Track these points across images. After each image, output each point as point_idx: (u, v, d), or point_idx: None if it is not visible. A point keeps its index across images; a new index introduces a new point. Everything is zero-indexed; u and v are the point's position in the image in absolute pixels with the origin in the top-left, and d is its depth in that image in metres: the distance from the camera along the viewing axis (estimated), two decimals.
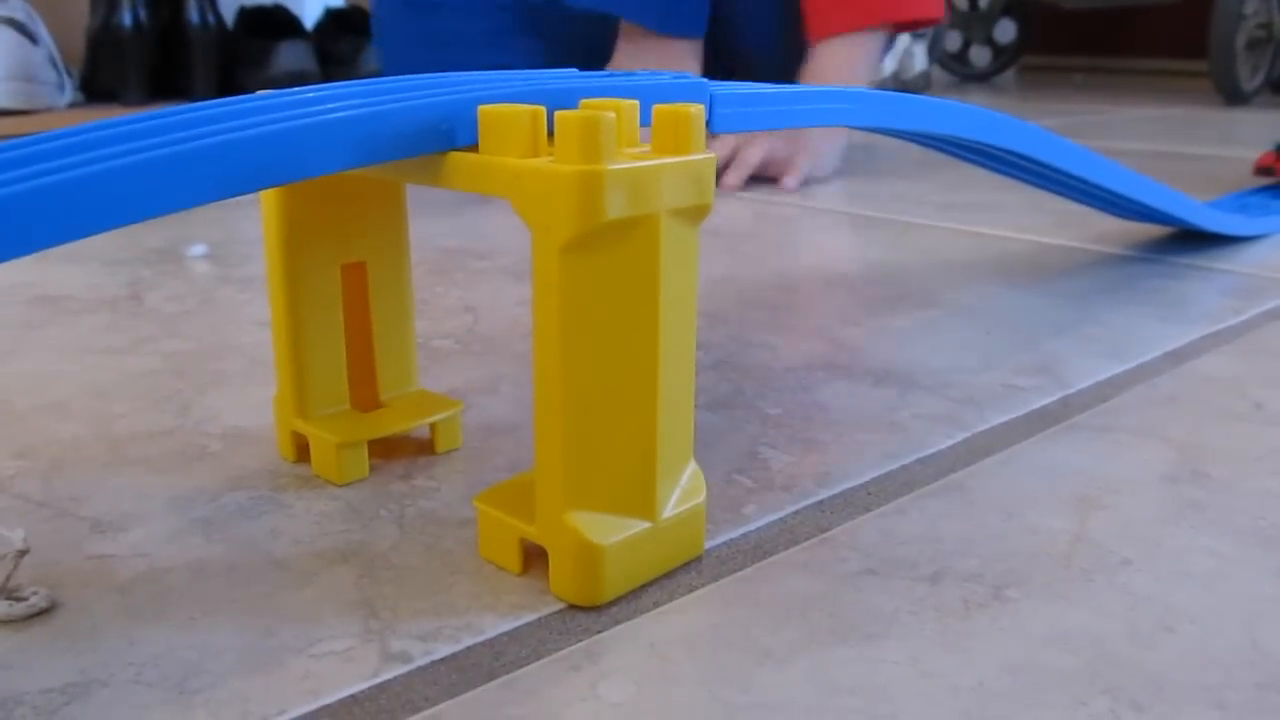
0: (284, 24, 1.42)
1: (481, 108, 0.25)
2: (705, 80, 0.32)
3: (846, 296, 0.55)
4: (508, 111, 0.25)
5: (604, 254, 0.24)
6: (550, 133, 0.27)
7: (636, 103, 0.26)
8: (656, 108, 0.26)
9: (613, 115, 0.23)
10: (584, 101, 0.27)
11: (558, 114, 0.24)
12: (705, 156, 0.26)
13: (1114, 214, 0.67)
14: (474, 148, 0.26)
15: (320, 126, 0.24)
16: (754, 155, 0.91)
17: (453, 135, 0.26)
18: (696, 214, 0.26)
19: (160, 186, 0.22)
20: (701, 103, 0.30)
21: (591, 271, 0.24)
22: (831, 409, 0.39)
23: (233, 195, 0.23)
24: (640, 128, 0.27)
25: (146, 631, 0.25)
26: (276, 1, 1.46)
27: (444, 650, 0.25)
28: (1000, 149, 0.48)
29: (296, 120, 0.24)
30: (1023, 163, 0.53)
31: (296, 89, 0.28)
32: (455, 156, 0.26)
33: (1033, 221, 0.76)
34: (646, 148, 0.26)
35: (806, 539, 0.30)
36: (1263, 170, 0.72)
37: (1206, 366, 0.45)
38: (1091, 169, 0.53)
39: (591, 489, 0.26)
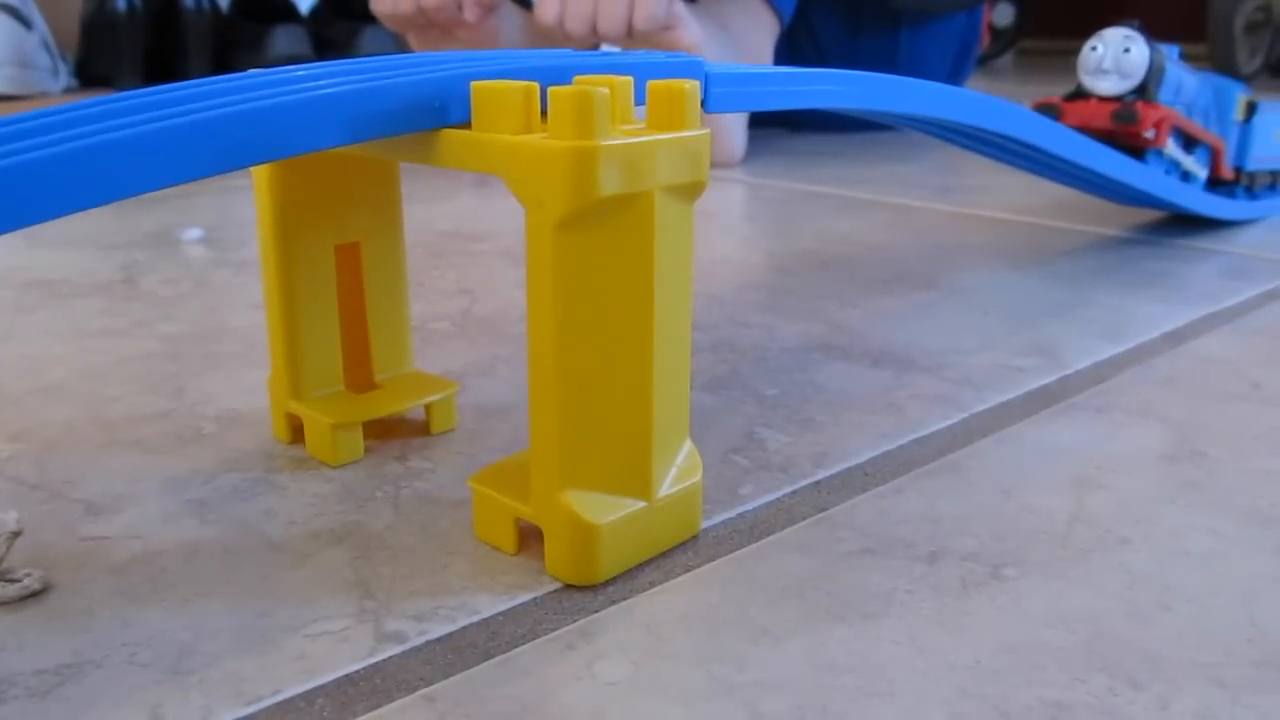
0: (279, 8, 1.41)
1: (474, 84, 0.25)
2: (700, 59, 0.32)
3: (843, 278, 0.55)
4: (501, 88, 0.24)
5: (598, 231, 0.24)
6: (544, 110, 0.27)
7: (630, 79, 0.26)
8: (651, 84, 0.25)
9: (606, 91, 0.23)
10: (578, 78, 0.27)
11: (551, 90, 0.23)
12: (700, 133, 0.25)
13: (1110, 199, 0.66)
14: (467, 125, 0.26)
15: (313, 102, 0.24)
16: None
17: (445, 112, 0.26)
18: (691, 191, 0.26)
19: (153, 161, 0.21)
20: (697, 80, 0.30)
21: (586, 248, 0.24)
22: (829, 390, 0.39)
23: (226, 170, 0.23)
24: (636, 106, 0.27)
25: (140, 612, 0.25)
26: None
27: (439, 630, 0.24)
28: (996, 134, 0.48)
29: (289, 96, 0.24)
30: (1019, 148, 0.52)
31: (288, 67, 0.27)
32: (448, 133, 0.26)
33: (1030, 204, 0.76)
34: (641, 124, 0.26)
35: (804, 519, 0.30)
36: (1043, 107, 0.63)
37: (1204, 347, 0.44)
38: (1086, 154, 0.53)
39: (587, 468, 0.26)
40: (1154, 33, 0.65)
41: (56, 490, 0.31)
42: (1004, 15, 2.38)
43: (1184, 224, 0.69)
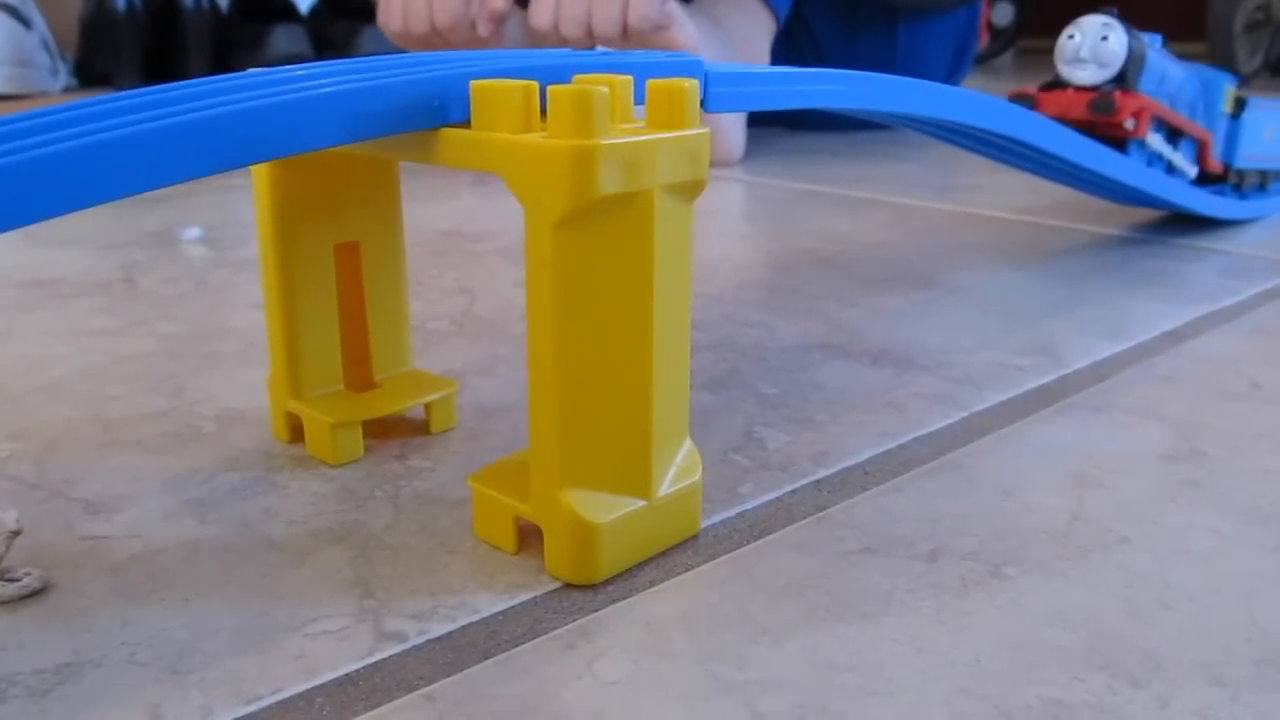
0: (278, 8, 1.41)
1: (474, 83, 0.25)
2: (700, 59, 0.32)
3: (843, 277, 0.55)
4: (500, 86, 0.24)
5: (597, 230, 0.24)
6: (544, 109, 0.27)
7: (630, 78, 0.26)
8: (650, 82, 0.25)
9: (606, 90, 0.23)
10: (577, 77, 0.27)
11: (550, 88, 0.23)
12: (699, 132, 0.25)
13: (1109, 198, 0.66)
14: (466, 124, 0.26)
15: (312, 101, 0.24)
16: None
17: (445, 111, 0.26)
18: (691, 190, 0.26)
19: (152, 160, 0.21)
20: (696, 79, 0.30)
21: (585, 247, 0.24)
22: (828, 389, 0.39)
23: (225, 169, 0.23)
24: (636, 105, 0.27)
25: (140, 612, 0.25)
26: None
27: (439, 629, 0.24)
28: (995, 133, 0.48)
29: (288, 95, 0.24)
30: (1017, 148, 0.52)
31: (287, 66, 0.27)
32: (447, 132, 0.26)
33: (1029, 203, 0.76)
34: (641, 124, 0.26)
35: (803, 518, 0.30)
36: (1019, 97, 0.60)
37: (1204, 346, 0.44)
38: (1085, 154, 0.53)
39: (586, 467, 0.26)
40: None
41: (56, 489, 0.31)
42: (1003, 14, 2.38)
43: (1183, 223, 0.69)
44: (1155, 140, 0.60)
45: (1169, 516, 0.30)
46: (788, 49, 1.08)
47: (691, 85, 0.25)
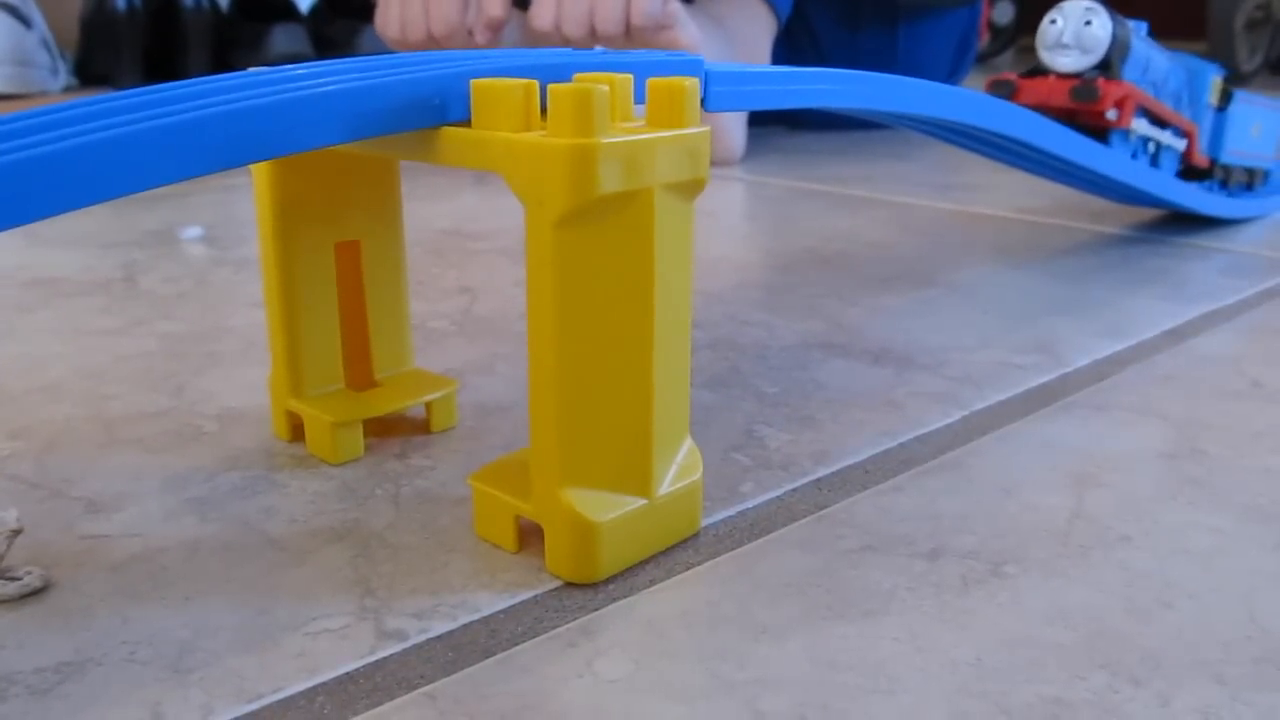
0: (278, 7, 1.41)
1: (474, 81, 0.25)
2: (700, 58, 0.32)
3: (843, 276, 0.55)
4: (500, 85, 0.24)
5: (598, 228, 0.24)
6: (544, 107, 0.27)
7: (630, 77, 0.26)
8: (650, 81, 0.25)
9: (606, 88, 0.23)
10: (577, 75, 0.27)
11: (551, 87, 0.23)
12: (700, 130, 0.25)
13: (1108, 198, 0.66)
14: (467, 122, 0.26)
15: (311, 99, 0.24)
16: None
17: (445, 109, 0.26)
18: (691, 188, 0.26)
19: (152, 158, 0.21)
20: (696, 78, 0.30)
21: (585, 246, 0.24)
22: (829, 387, 0.39)
23: (225, 168, 0.23)
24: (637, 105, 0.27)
25: (140, 610, 0.25)
26: None
27: (440, 628, 0.24)
28: (995, 133, 0.48)
29: (288, 94, 0.24)
30: (1017, 148, 0.52)
31: (287, 65, 0.27)
32: (448, 131, 0.26)
33: (1030, 202, 0.76)
34: (641, 122, 0.26)
35: (804, 516, 0.30)
36: (998, 84, 0.58)
37: (1205, 345, 0.44)
38: (1085, 154, 0.53)
39: (587, 466, 0.26)
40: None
41: (56, 488, 0.31)
42: (1004, 13, 2.38)
43: (1183, 222, 0.69)
44: (1140, 125, 0.58)
45: (1169, 515, 0.30)
46: (789, 49, 1.08)
47: (692, 84, 0.25)
